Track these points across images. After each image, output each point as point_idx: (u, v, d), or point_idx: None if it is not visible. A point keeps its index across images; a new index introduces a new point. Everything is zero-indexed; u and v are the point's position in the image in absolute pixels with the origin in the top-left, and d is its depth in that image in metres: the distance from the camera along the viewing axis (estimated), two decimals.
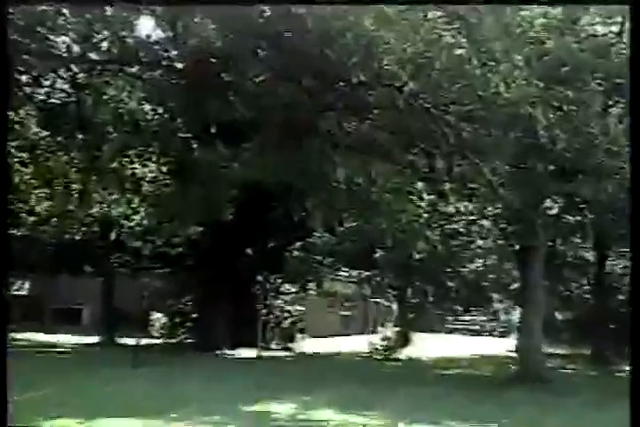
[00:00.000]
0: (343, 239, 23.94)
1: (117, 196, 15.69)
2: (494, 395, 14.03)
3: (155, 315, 25.73)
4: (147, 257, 24.31)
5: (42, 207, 18.62)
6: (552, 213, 17.85)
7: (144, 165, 14.17)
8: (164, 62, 10.07)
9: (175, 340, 24.77)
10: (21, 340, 21.01)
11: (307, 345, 25.59)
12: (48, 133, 13.00)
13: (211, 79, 9.23)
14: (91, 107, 11.87)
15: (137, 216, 20.05)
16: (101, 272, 25.31)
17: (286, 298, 27.14)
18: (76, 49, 10.38)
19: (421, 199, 19.07)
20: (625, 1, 7.62)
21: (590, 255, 25.25)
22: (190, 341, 24.12)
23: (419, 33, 8.10)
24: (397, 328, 28.63)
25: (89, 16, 9.15)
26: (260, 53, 8.75)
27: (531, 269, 17.34)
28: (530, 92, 8.74)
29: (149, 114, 12.43)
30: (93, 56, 10.47)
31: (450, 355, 25.86)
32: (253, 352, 21.39)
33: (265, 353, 21.97)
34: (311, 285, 26.97)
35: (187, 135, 12.22)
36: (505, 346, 28.83)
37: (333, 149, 10.27)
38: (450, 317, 47.85)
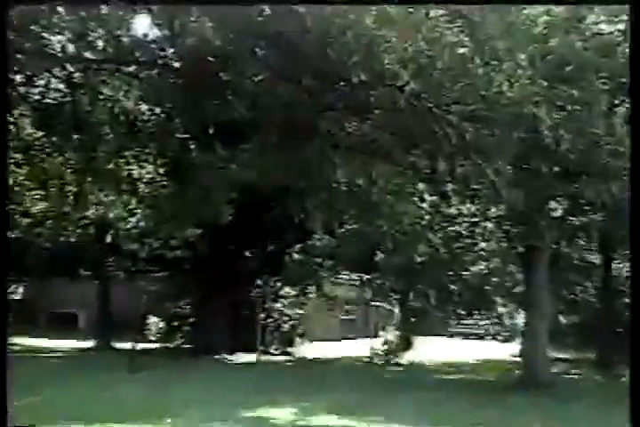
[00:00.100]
0: (343, 242, 23.92)
1: (113, 197, 15.67)
2: (498, 400, 14.04)
3: (152, 319, 25.71)
4: (143, 260, 24.35)
5: (36, 209, 18.64)
6: (556, 215, 17.84)
7: (141, 166, 14.16)
8: (161, 61, 10.06)
9: (172, 344, 24.80)
10: (16, 344, 21.02)
11: (306, 349, 25.61)
12: (43, 134, 12.98)
13: (209, 79, 9.22)
14: (86, 107, 11.86)
15: (133, 218, 20.06)
16: (97, 275, 25.34)
17: (286, 301, 27.15)
18: (71, 48, 10.36)
19: (423, 201, 19.09)
20: (625, 1, 7.63)
21: (596, 258, 25.23)
22: (188, 345, 24.14)
23: (420, 31, 8.10)
24: (399, 332, 28.61)
25: (84, 14, 9.14)
26: (259, 52, 8.74)
27: (535, 271, 17.35)
28: (533, 91, 8.75)
29: (146, 114, 12.41)
30: (89, 55, 10.45)
31: (452, 359, 25.86)
32: (252, 357, 21.40)
33: (264, 358, 21.98)
34: (311, 288, 26.96)
35: (184, 136, 12.21)
36: (509, 351, 28.85)
37: (333, 150, 10.26)
38: (452, 320, 47.78)
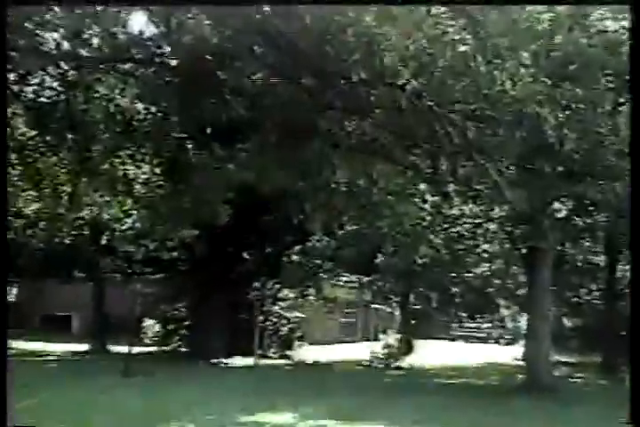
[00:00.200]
0: (343, 243, 23.94)
1: (109, 198, 15.67)
2: (500, 404, 14.04)
3: (147, 322, 25.74)
4: (139, 261, 24.37)
5: (30, 210, 18.62)
6: (560, 216, 17.87)
7: (137, 166, 14.15)
8: (158, 59, 10.07)
9: (168, 348, 24.80)
10: (9, 348, 20.99)
11: (305, 353, 25.60)
12: (36, 133, 12.97)
13: (206, 77, 9.23)
14: (81, 105, 11.87)
15: (129, 219, 20.07)
16: (92, 277, 25.33)
17: (284, 304, 27.16)
18: (66, 45, 10.36)
19: (424, 201, 19.10)
20: (625, 1, 7.65)
21: (600, 259, 25.26)
22: (184, 349, 24.14)
23: (421, 29, 8.11)
24: (399, 335, 28.65)
25: (79, 11, 9.15)
26: (258, 51, 8.75)
27: (538, 273, 17.36)
28: (537, 90, 8.75)
29: (142, 113, 12.41)
30: (84, 53, 10.45)
31: (454, 363, 25.88)
32: (250, 361, 21.39)
33: (262, 361, 21.98)
34: (310, 290, 26.97)
35: (181, 135, 12.22)
36: (511, 354, 28.87)
37: (333, 150, 10.28)
38: (454, 323, 47.88)
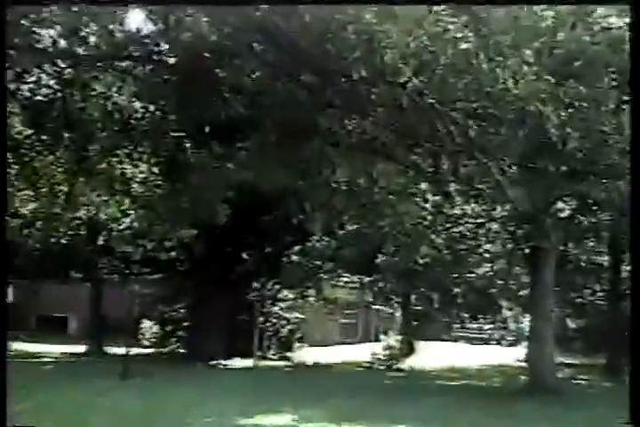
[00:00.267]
0: (343, 243, 23.91)
1: (106, 197, 15.68)
2: (503, 407, 14.03)
3: (145, 323, 25.75)
4: (137, 262, 24.39)
5: (26, 210, 18.62)
6: (563, 215, 17.88)
7: (134, 165, 14.17)
8: (156, 57, 10.08)
9: (167, 349, 24.82)
10: None
11: (305, 354, 25.61)
12: (32, 132, 12.98)
13: (204, 75, 9.24)
14: (78, 104, 11.87)
15: (127, 219, 20.07)
16: (89, 278, 25.33)
17: (284, 305, 27.17)
18: (63, 43, 10.37)
19: (426, 201, 19.08)
20: (625, 1, 7.66)
21: (604, 259, 25.25)
22: (183, 350, 24.15)
23: (423, 26, 8.11)
24: (401, 337, 28.65)
25: (76, 8, 9.15)
26: (257, 48, 8.76)
27: (541, 274, 17.36)
28: (540, 88, 8.75)
29: (140, 111, 12.41)
30: (80, 50, 10.45)
31: (456, 365, 25.87)
32: (250, 362, 21.41)
33: (262, 363, 22.00)
34: (310, 291, 26.97)
35: (179, 134, 12.23)
36: (514, 355, 28.86)
37: (333, 149, 10.28)
38: (456, 324, 47.82)
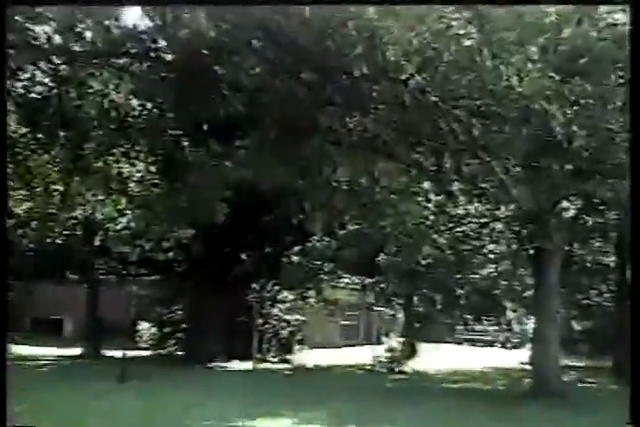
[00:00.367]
0: (344, 243, 23.94)
1: (102, 197, 15.70)
2: (507, 411, 14.05)
3: (142, 325, 25.77)
4: (134, 263, 24.40)
5: (21, 209, 18.65)
6: (569, 215, 17.89)
7: (131, 164, 14.20)
8: (153, 54, 10.07)
9: (164, 351, 24.83)
10: None
11: (306, 357, 25.61)
12: (27, 130, 12.99)
13: (203, 72, 9.24)
14: (74, 101, 11.88)
15: (123, 219, 20.09)
16: (85, 279, 25.33)
17: (284, 306, 27.19)
18: (58, 39, 10.36)
19: (428, 200, 19.09)
20: (625, 1, 7.67)
21: (611, 260, 25.27)
22: (181, 352, 24.16)
23: (425, 23, 8.11)
24: (402, 339, 28.64)
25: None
26: (256, 45, 8.76)
27: (546, 274, 17.36)
28: (545, 85, 8.74)
29: (137, 109, 12.42)
30: (76, 47, 10.45)
31: (459, 367, 25.89)
32: (249, 365, 21.42)
33: (261, 365, 22.01)
34: (310, 292, 27.00)
35: (177, 132, 12.23)
36: (518, 358, 28.86)
37: (334, 147, 10.27)
38: (459, 326, 47.83)
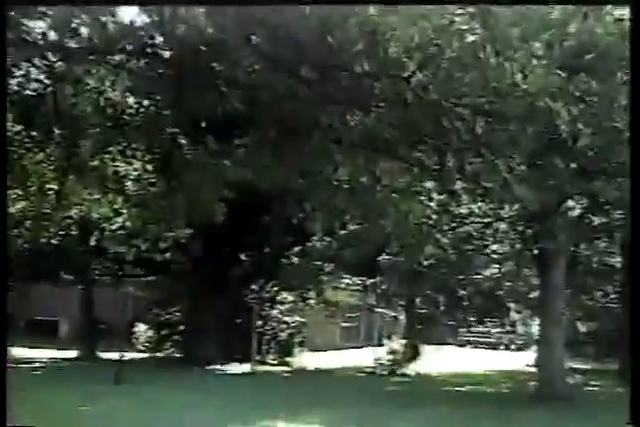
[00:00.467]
0: (345, 244, 23.92)
1: (98, 196, 15.68)
2: (511, 414, 14.05)
3: (139, 327, 25.79)
4: (130, 263, 24.41)
5: (15, 209, 18.64)
6: (574, 215, 17.88)
7: (128, 163, 14.16)
8: (150, 50, 10.07)
9: (162, 354, 24.87)
10: None
11: (306, 359, 25.64)
12: (21, 128, 12.98)
13: (201, 69, 9.23)
14: (69, 99, 11.87)
15: (120, 218, 20.07)
16: (81, 280, 25.36)
17: (283, 308, 27.22)
18: (53, 35, 10.37)
19: (430, 199, 19.08)
20: (625, 1, 7.68)
21: (617, 261, 25.27)
22: (178, 355, 24.19)
23: (427, 18, 8.11)
24: (404, 341, 28.66)
25: None
26: (255, 41, 8.76)
27: (551, 275, 17.37)
28: (550, 82, 8.73)
29: (134, 107, 12.41)
30: (72, 43, 10.45)
31: (462, 370, 25.91)
32: (248, 367, 21.43)
33: (260, 368, 22.02)
34: (310, 293, 27.03)
35: (174, 130, 12.22)
36: (523, 360, 28.90)
37: (335, 146, 10.27)
38: (462, 328, 47.83)
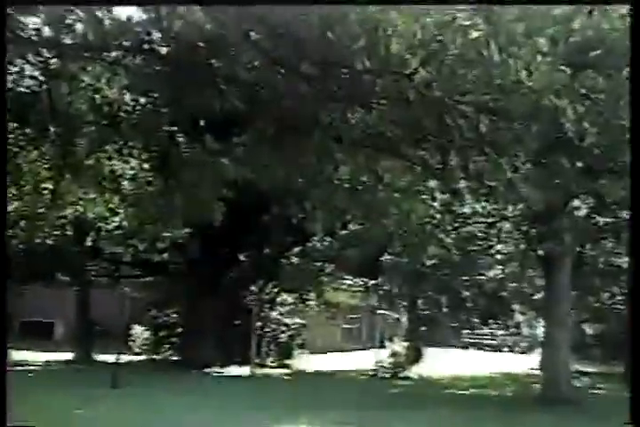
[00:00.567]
0: (346, 244, 23.93)
1: (94, 195, 15.68)
2: (516, 418, 14.06)
3: (136, 328, 25.79)
4: (127, 264, 24.42)
5: (9, 209, 18.65)
6: (580, 215, 17.88)
7: (124, 162, 14.16)
8: (147, 47, 10.07)
9: (159, 356, 24.87)
10: None
11: (306, 362, 25.64)
12: (16, 126, 12.99)
13: (199, 66, 9.24)
14: (64, 96, 11.87)
15: (116, 218, 20.08)
16: (76, 281, 25.35)
17: (283, 309, 27.21)
18: (48, 31, 10.38)
19: (433, 199, 19.04)
20: (625, 1, 7.69)
21: (623, 261, 25.25)
22: (176, 357, 24.19)
23: (430, 14, 8.11)
24: (407, 343, 28.68)
25: None
26: (254, 37, 8.76)
27: (556, 276, 17.38)
28: (555, 79, 8.74)
29: (130, 104, 12.42)
30: (67, 39, 10.46)
31: (466, 373, 25.90)
32: (247, 370, 21.43)
33: (260, 371, 22.03)
34: (311, 295, 27.04)
35: (172, 128, 12.22)
36: (528, 363, 28.90)
37: (335, 144, 10.27)
38: (465, 330, 47.88)
